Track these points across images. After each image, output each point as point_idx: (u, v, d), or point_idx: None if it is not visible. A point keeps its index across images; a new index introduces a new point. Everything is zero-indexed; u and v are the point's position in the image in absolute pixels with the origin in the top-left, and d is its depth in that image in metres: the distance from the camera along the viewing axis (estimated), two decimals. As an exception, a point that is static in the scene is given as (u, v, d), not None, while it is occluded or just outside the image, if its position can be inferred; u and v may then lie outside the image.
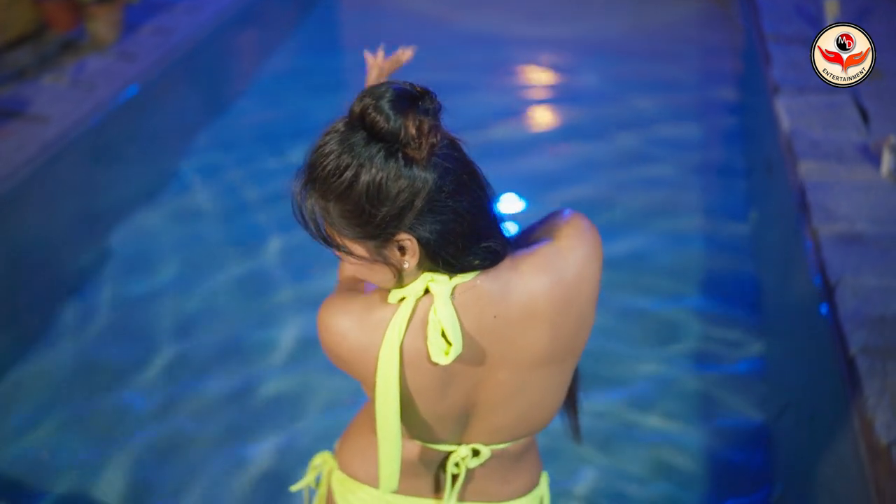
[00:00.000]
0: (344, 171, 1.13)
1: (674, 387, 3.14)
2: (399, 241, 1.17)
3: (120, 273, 3.75)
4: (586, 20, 6.29)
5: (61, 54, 5.04)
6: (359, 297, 1.29)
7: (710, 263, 3.83)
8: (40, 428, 2.91)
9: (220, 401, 3.06)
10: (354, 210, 1.15)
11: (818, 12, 5.25)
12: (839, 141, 3.96)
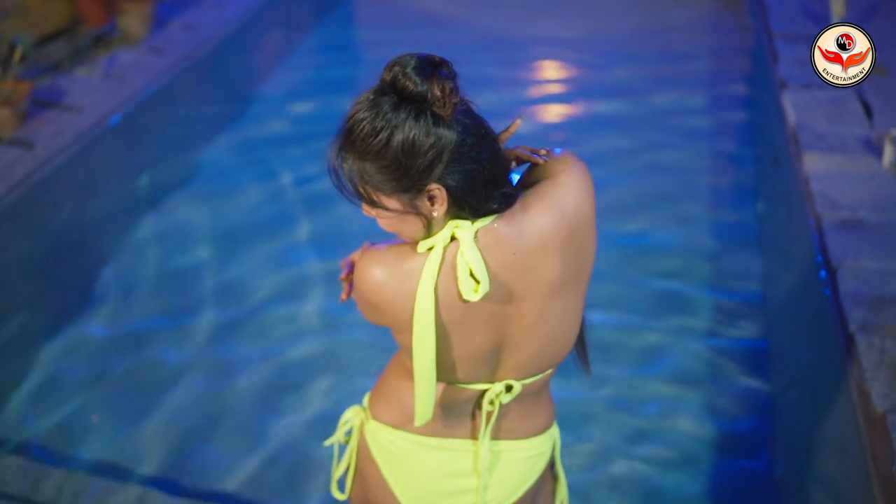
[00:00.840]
0: (380, 132, 1.28)
1: (681, 362, 3.28)
2: (430, 191, 1.33)
3: (154, 248, 3.91)
4: (598, 20, 6.43)
5: (94, 48, 5.22)
6: (391, 249, 1.43)
7: (718, 247, 3.97)
8: (86, 393, 3.07)
9: (253, 367, 3.22)
10: (391, 165, 1.30)
11: (825, 11, 5.40)
12: (843, 134, 4.11)
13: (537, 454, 1.74)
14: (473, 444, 1.67)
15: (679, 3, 6.86)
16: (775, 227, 4.00)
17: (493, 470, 1.68)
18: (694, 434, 3.02)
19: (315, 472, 2.78)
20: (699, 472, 2.92)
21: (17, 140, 4.14)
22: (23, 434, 2.88)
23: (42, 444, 2.84)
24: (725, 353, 3.34)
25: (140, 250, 3.89)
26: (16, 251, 3.72)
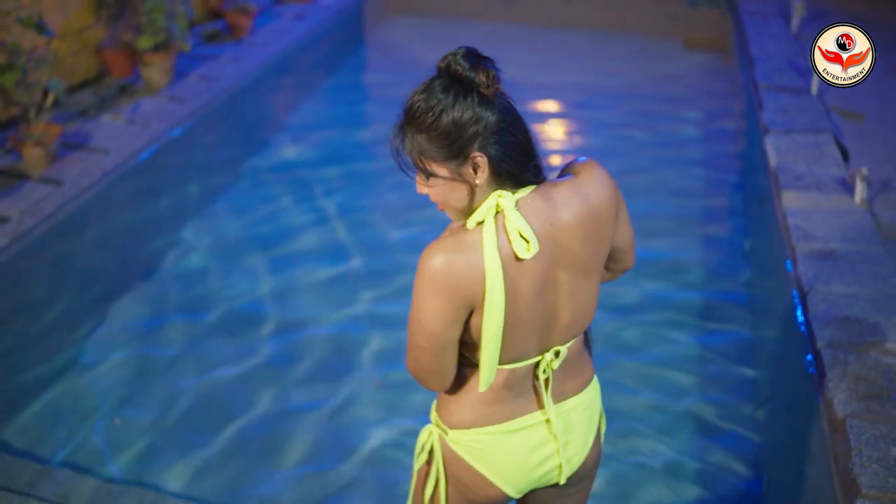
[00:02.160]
0: (432, 108, 1.56)
1: (674, 382, 3.48)
2: (474, 159, 1.58)
3: (180, 262, 4.17)
4: (600, 71, 6.74)
5: (119, 97, 5.57)
6: (444, 237, 1.61)
7: (709, 280, 4.19)
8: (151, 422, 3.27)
9: (286, 364, 3.43)
10: (441, 136, 1.56)
11: (808, 63, 5.71)
12: (820, 174, 4.37)
13: (592, 403, 1.93)
14: (542, 413, 1.82)
15: (676, 56, 7.20)
16: (759, 260, 4.23)
17: (565, 429, 1.85)
18: (685, 444, 3.20)
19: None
20: (687, 476, 3.09)
21: (47, 178, 4.45)
22: (94, 457, 3.03)
23: (117, 466, 3.01)
24: (712, 376, 3.54)
25: (163, 280, 4.13)
26: (45, 279, 3.99)
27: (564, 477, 1.88)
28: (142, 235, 4.47)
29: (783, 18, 7.05)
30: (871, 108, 5.29)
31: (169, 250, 4.30)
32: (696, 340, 3.76)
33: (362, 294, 3.95)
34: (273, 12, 7.48)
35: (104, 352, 3.61)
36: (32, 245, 4.03)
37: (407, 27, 8.22)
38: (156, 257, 4.26)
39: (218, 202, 4.78)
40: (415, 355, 1.71)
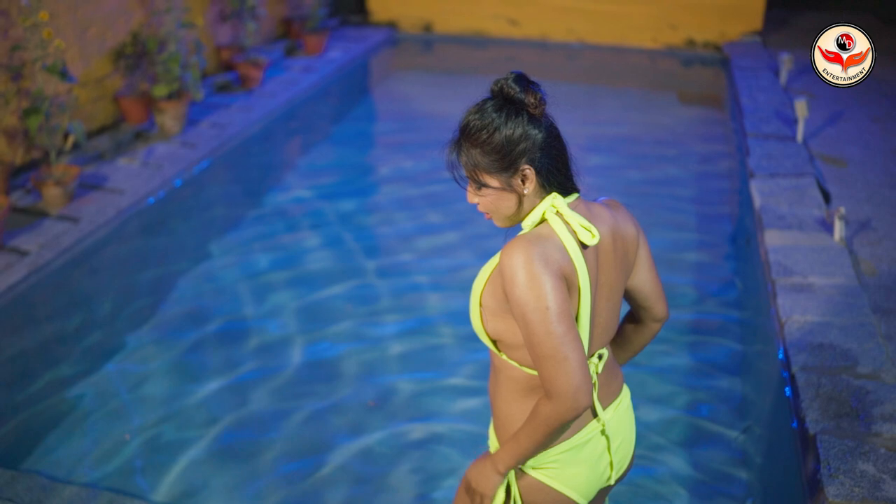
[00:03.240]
0: (488, 126, 1.72)
1: (660, 402, 3.60)
2: (523, 171, 1.73)
3: (191, 289, 4.34)
4: (599, 121, 6.97)
5: (134, 141, 5.83)
6: (516, 240, 1.70)
7: (699, 308, 4.32)
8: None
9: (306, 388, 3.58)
10: (494, 149, 1.71)
11: (794, 114, 5.96)
12: (801, 215, 4.58)
13: (630, 402, 2.00)
14: (598, 420, 1.89)
15: (673, 107, 7.45)
16: (745, 293, 4.40)
17: (616, 432, 1.92)
18: (677, 467, 3.32)
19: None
20: (674, 489, 3.21)
21: (65, 216, 4.67)
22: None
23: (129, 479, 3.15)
24: (702, 395, 3.68)
25: (171, 308, 4.30)
26: (59, 308, 4.19)
27: (614, 478, 1.98)
28: (152, 269, 4.66)
29: (772, 72, 7.33)
30: (854, 154, 5.51)
31: (178, 282, 4.47)
32: (685, 363, 3.88)
33: (370, 318, 4.11)
34: (282, 65, 7.80)
35: (115, 377, 3.77)
36: (50, 276, 4.24)
37: (412, 81, 8.53)
38: (165, 288, 4.44)
39: (227, 237, 4.96)
40: (562, 365, 1.65)
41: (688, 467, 3.22)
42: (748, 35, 8.68)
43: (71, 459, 3.17)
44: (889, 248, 4.27)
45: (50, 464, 3.14)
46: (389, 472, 3.16)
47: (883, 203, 4.78)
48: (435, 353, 3.90)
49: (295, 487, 3.08)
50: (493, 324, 1.79)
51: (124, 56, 5.92)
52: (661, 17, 8.90)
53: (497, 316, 1.78)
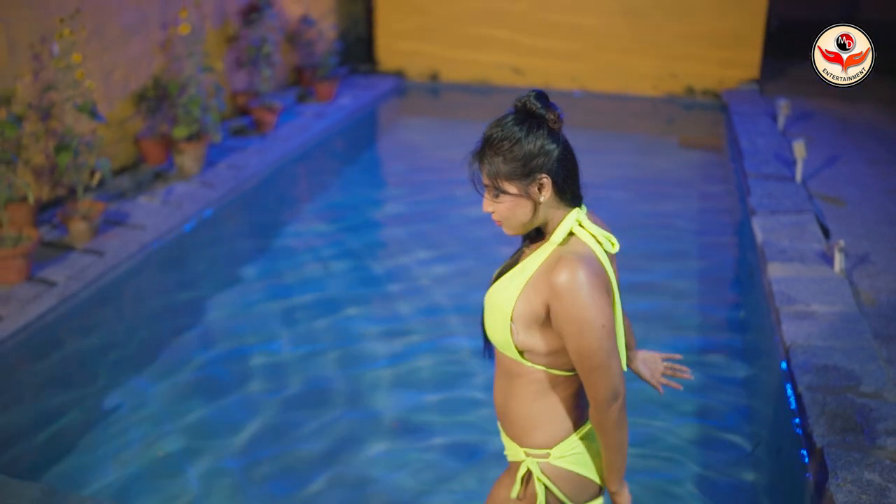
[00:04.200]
0: (510, 136, 1.85)
1: (673, 423, 3.71)
2: (540, 180, 1.86)
3: (212, 318, 4.47)
4: (603, 163, 7.15)
5: (154, 181, 6.02)
6: (571, 261, 1.83)
7: (710, 342, 4.47)
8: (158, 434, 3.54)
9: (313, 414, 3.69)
10: (516, 158, 1.84)
11: (792, 155, 6.16)
12: (802, 249, 4.74)
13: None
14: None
15: (674, 152, 7.67)
16: (750, 321, 4.54)
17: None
18: (689, 485, 3.43)
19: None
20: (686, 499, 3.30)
21: (90, 249, 4.83)
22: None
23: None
24: (712, 423, 3.79)
25: (196, 339, 4.43)
26: (86, 335, 4.32)
27: None
28: (173, 300, 4.81)
29: (770, 118, 7.57)
30: (851, 194, 5.69)
31: (198, 311, 4.61)
32: (693, 383, 4.00)
33: (380, 347, 4.24)
34: (295, 111, 8.03)
35: (138, 401, 3.89)
36: (77, 306, 4.39)
37: (419, 127, 8.77)
38: (186, 317, 4.57)
39: (245, 269, 5.11)
40: (607, 373, 1.85)
41: (700, 476, 3.33)
42: (746, 83, 8.95)
43: (95, 476, 3.28)
44: (887, 280, 4.43)
45: (74, 479, 3.25)
46: (419, 488, 3.27)
47: (881, 239, 4.95)
48: (457, 370, 4.05)
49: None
50: (524, 336, 1.92)
51: (146, 99, 6.14)
52: (662, 66, 9.18)
53: (530, 329, 1.91)
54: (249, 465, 3.39)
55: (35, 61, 5.07)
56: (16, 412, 3.73)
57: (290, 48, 8.53)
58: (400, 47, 9.83)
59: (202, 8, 6.75)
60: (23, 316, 4.14)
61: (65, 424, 3.63)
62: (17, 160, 4.66)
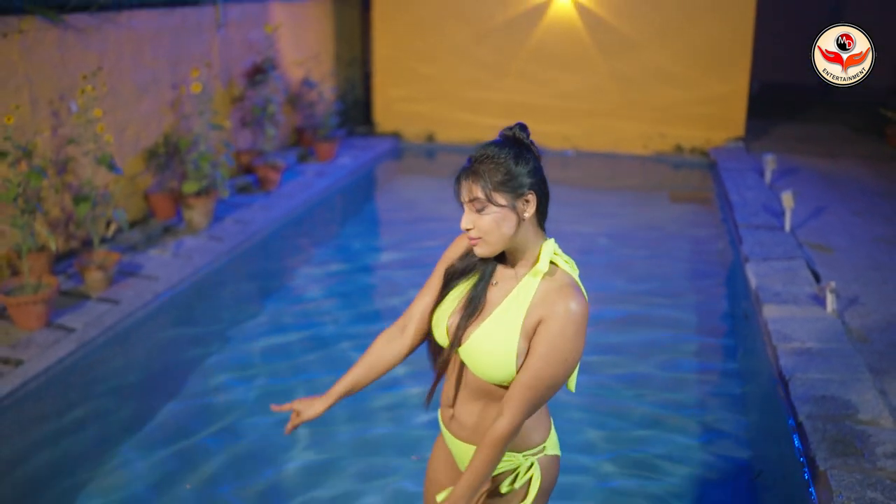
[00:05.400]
0: (501, 154, 1.99)
1: (680, 457, 3.83)
2: (527, 196, 1.99)
3: (226, 363, 4.58)
4: (596, 215, 7.36)
5: (163, 235, 6.18)
6: (576, 290, 2.00)
7: (709, 381, 4.61)
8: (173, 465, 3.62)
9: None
10: (509, 171, 1.97)
11: (782, 207, 6.40)
12: (795, 292, 4.93)
13: None
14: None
15: (664, 206, 7.90)
16: (748, 359, 4.69)
17: None
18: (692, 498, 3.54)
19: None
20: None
21: (106, 298, 4.96)
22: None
23: None
24: (714, 452, 3.92)
25: (207, 391, 4.54)
26: (106, 378, 4.43)
27: None
28: (187, 346, 4.93)
29: (757, 173, 7.84)
30: (839, 242, 5.92)
31: (212, 358, 4.73)
32: (695, 417, 4.15)
33: (402, 377, 4.36)
34: (297, 170, 8.26)
35: (151, 446, 3.98)
36: (96, 350, 4.51)
37: (416, 185, 9.00)
38: (200, 363, 4.68)
39: (254, 318, 5.24)
40: (540, 405, 2.01)
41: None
42: (732, 141, 9.27)
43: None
44: (878, 319, 4.61)
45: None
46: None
47: (869, 283, 5.15)
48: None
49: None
50: (521, 362, 2.02)
51: (156, 155, 6.34)
52: (651, 126, 9.50)
53: (524, 353, 2.02)
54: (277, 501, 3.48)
55: (54, 117, 5.28)
56: (35, 453, 3.82)
57: (292, 110, 8.80)
58: (397, 110, 10.14)
59: (212, 68, 7.01)
60: (44, 360, 4.26)
61: (81, 465, 3.72)
62: (42, 209, 4.82)
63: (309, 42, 9.19)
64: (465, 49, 9.76)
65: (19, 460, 3.73)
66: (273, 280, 6.04)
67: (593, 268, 6.08)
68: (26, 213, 4.57)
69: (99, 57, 5.68)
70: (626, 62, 9.40)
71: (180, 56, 6.67)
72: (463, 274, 2.17)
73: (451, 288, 2.17)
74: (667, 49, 9.26)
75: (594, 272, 6.00)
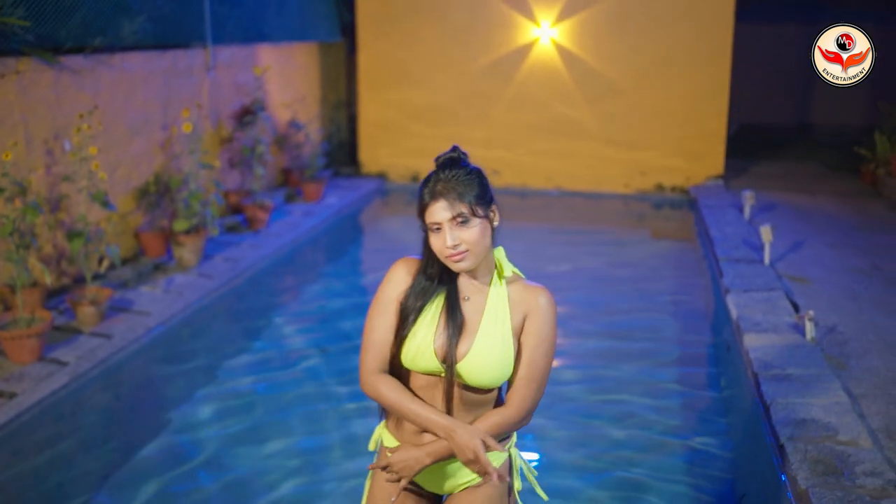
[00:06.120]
0: (468, 173, 2.17)
1: (665, 481, 3.91)
2: (493, 207, 2.20)
3: (203, 405, 4.62)
4: (578, 253, 7.50)
5: (154, 273, 6.24)
6: (545, 288, 2.24)
7: (693, 408, 4.70)
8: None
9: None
10: (481, 184, 2.17)
11: (761, 242, 6.56)
12: (775, 321, 5.06)
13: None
14: None
15: (645, 243, 8.06)
16: (732, 391, 4.79)
17: None
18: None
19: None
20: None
21: (98, 333, 5.02)
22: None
23: None
24: (698, 477, 4.00)
25: (197, 425, 4.58)
26: (98, 411, 4.47)
27: None
28: (176, 381, 4.98)
29: (737, 209, 8.03)
30: (816, 274, 6.07)
31: (197, 393, 4.77)
32: (680, 441, 4.23)
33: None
34: (285, 210, 8.36)
35: (142, 477, 4.01)
36: (88, 383, 4.55)
37: (400, 224, 9.11)
38: (193, 397, 4.72)
39: (240, 356, 5.30)
40: (542, 390, 2.22)
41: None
42: (711, 179, 9.48)
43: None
44: (855, 347, 4.74)
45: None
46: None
47: (846, 313, 5.29)
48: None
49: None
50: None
51: (147, 194, 6.43)
52: (632, 166, 9.70)
53: (518, 351, 2.23)
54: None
55: (48, 156, 5.37)
56: (28, 483, 3.85)
57: (279, 151, 8.94)
58: (381, 151, 10.30)
59: (202, 109, 7.14)
60: (37, 392, 4.30)
61: (74, 496, 3.75)
62: (36, 244, 4.89)
63: (296, 85, 9.37)
64: (449, 91, 9.96)
65: (12, 491, 3.77)
66: (262, 316, 6.10)
67: (577, 303, 6.19)
68: (21, 248, 4.64)
69: (92, 98, 5.80)
70: (607, 104, 9.63)
71: (171, 98, 6.80)
72: (424, 300, 2.24)
73: (416, 317, 2.23)
74: (647, 91, 9.50)
75: (578, 307, 6.11)
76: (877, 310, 5.34)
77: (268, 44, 8.57)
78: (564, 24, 9.53)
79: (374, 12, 10.01)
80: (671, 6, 9.30)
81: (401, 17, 9.95)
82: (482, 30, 9.76)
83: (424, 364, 2.22)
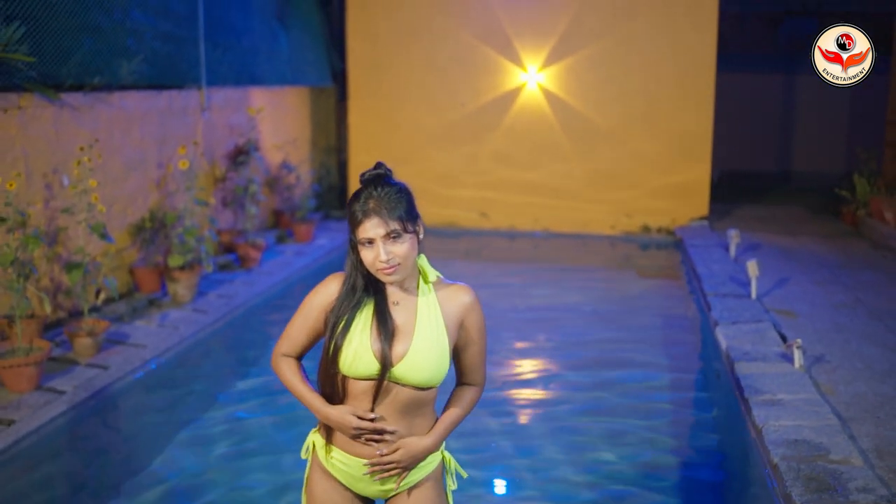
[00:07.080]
0: (399, 190, 2.26)
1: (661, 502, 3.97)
2: (419, 222, 2.30)
3: (198, 435, 4.63)
4: (566, 290, 7.60)
5: (148, 308, 6.28)
6: (460, 284, 2.40)
7: (685, 433, 4.76)
8: None
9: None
10: (409, 202, 2.27)
11: (746, 277, 6.69)
12: (764, 351, 5.15)
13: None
14: None
15: (633, 280, 8.17)
16: (724, 414, 4.87)
17: None
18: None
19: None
20: None
21: (94, 364, 5.04)
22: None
23: None
24: (694, 487, 4.05)
25: (193, 453, 4.59)
26: (95, 438, 4.48)
27: None
28: (171, 411, 4.99)
29: (723, 248, 8.18)
30: (802, 308, 6.19)
31: (192, 424, 4.79)
32: (673, 465, 4.28)
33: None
34: (276, 250, 8.44)
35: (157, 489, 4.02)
36: (86, 412, 4.57)
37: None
38: (182, 428, 4.74)
39: (234, 388, 5.33)
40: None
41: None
42: (696, 220, 9.66)
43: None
44: (843, 374, 4.83)
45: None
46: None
47: (832, 343, 5.39)
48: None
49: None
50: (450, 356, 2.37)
51: (142, 230, 6.50)
52: (618, 208, 9.87)
53: (452, 349, 2.37)
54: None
55: (47, 190, 5.45)
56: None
57: (270, 192, 9.04)
58: (371, 194, 10.40)
59: (197, 148, 7.25)
60: (35, 420, 4.31)
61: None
62: (37, 272, 4.93)
63: (287, 127, 9.52)
64: (438, 136, 10.13)
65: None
66: (255, 350, 6.14)
67: (568, 336, 6.27)
68: (21, 278, 4.68)
69: (91, 134, 5.90)
70: (592, 146, 9.83)
71: (167, 136, 6.91)
72: (354, 309, 2.32)
73: (349, 325, 2.31)
74: (632, 136, 9.71)
75: (567, 342, 6.19)
76: (862, 340, 5.45)
77: (260, 87, 8.73)
78: (551, 69, 9.77)
79: (364, 60, 10.22)
80: (655, 52, 9.57)
81: (391, 64, 10.16)
82: (471, 75, 9.99)
83: (364, 369, 2.29)
